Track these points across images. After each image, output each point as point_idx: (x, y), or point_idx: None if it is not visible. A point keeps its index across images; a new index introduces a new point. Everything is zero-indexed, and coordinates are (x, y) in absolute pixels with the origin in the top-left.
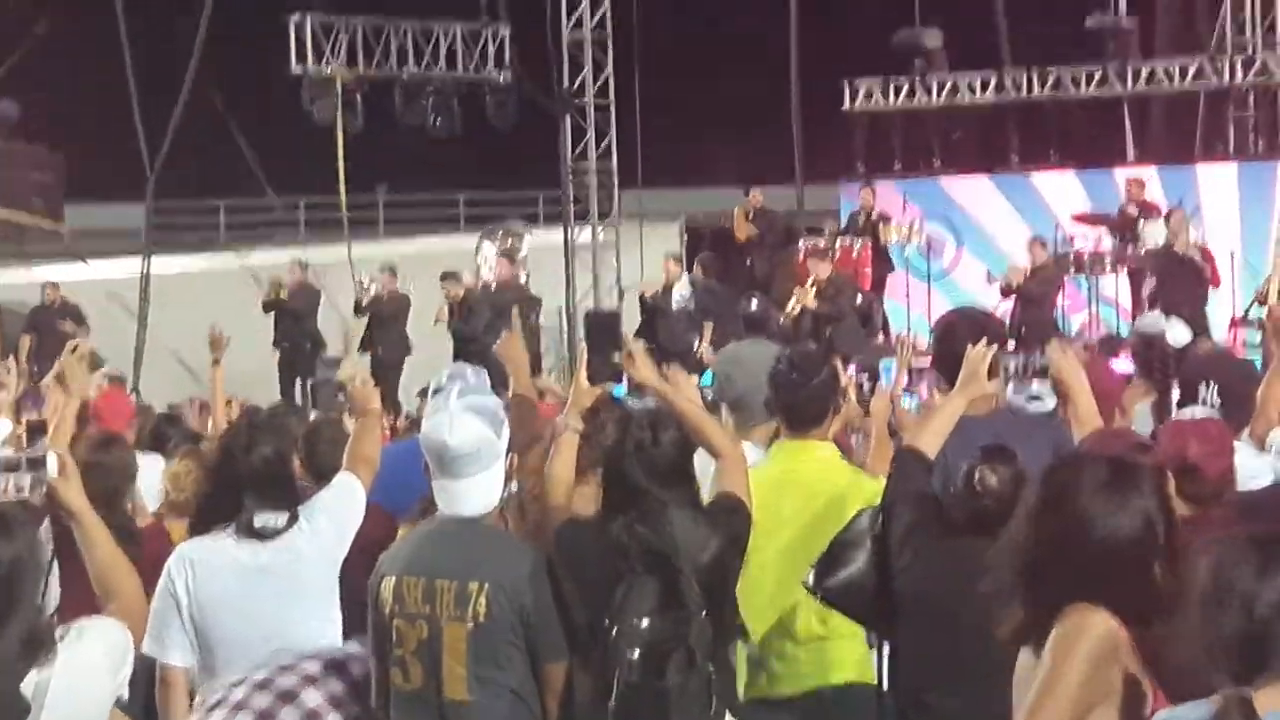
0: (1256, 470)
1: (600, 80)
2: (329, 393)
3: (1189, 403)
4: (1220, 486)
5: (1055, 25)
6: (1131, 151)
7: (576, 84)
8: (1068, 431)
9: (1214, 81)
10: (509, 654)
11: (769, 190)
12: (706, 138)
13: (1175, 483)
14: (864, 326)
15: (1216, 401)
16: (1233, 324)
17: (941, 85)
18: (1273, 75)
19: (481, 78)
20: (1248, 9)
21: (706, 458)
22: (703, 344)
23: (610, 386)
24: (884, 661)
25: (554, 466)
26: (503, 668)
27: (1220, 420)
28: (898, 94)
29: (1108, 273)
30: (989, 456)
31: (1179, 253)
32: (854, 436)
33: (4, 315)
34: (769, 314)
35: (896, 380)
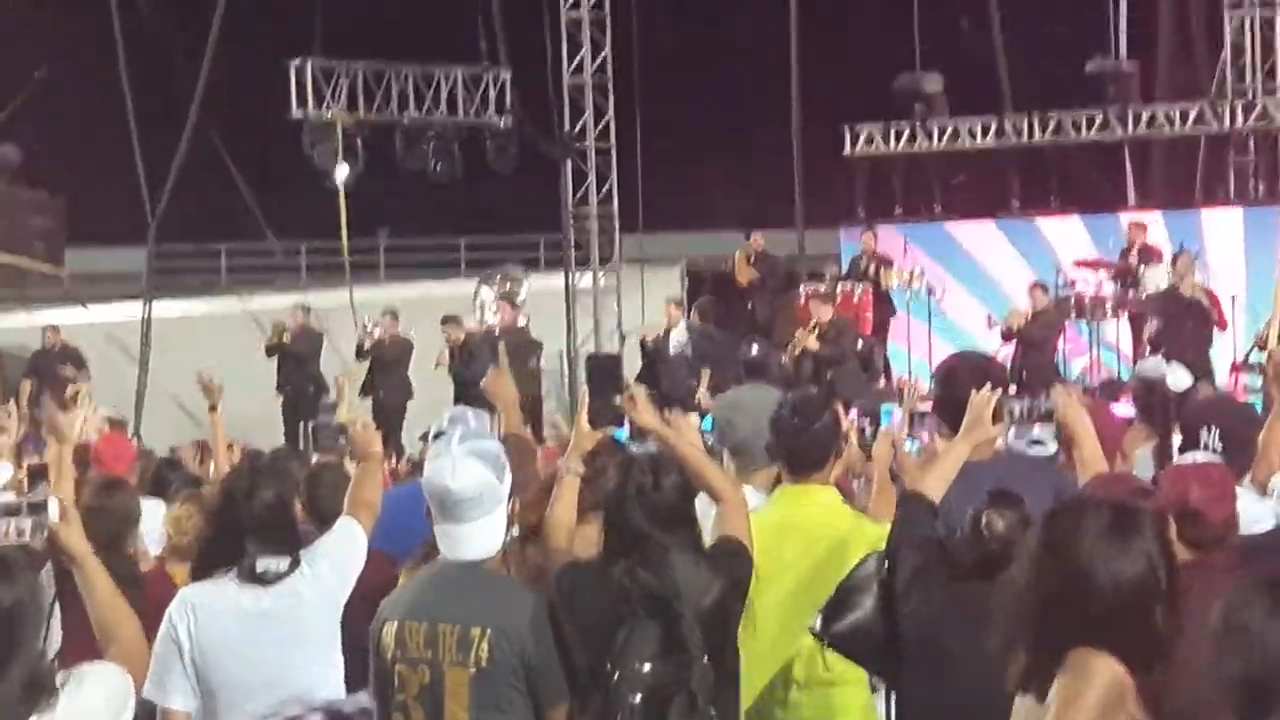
0: (1258, 515)
1: (601, 124)
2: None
3: (1191, 448)
4: (1223, 531)
5: (1056, 70)
6: (1132, 196)
7: (577, 128)
8: (1069, 476)
9: (1214, 126)
10: (511, 698)
11: (770, 234)
12: (707, 182)
13: (1177, 528)
14: (865, 371)
15: (1218, 446)
16: (1233, 368)
17: (942, 130)
18: (1273, 120)
19: (482, 122)
20: (1247, 54)
21: (707, 501)
22: (700, 390)
23: (611, 430)
24: (889, 707)
25: (555, 510)
26: (504, 712)
27: (1222, 465)
28: (898, 139)
29: (1109, 318)
30: (995, 501)
31: (1185, 295)
32: (855, 481)
33: (5, 359)
34: (770, 359)
35: (899, 425)
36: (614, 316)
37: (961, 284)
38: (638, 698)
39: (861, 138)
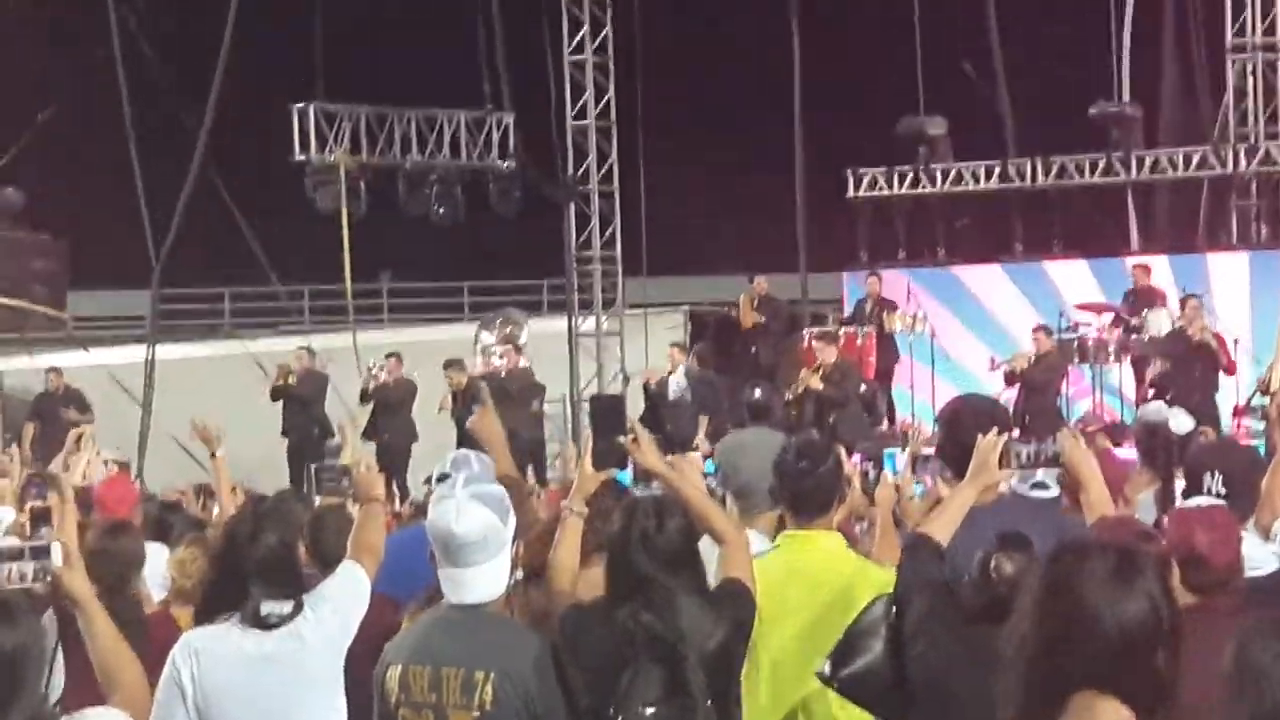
0: (1261, 560)
1: (604, 168)
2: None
3: (1194, 493)
4: (1227, 575)
5: (1059, 114)
6: (1135, 239)
7: (580, 172)
8: (1072, 518)
9: (1217, 170)
10: None
11: (773, 278)
12: (711, 225)
13: (1182, 572)
14: (868, 414)
15: (1221, 491)
16: (1236, 412)
17: (946, 173)
18: (1276, 164)
19: (485, 166)
20: (1250, 98)
21: (710, 542)
22: (699, 436)
23: (614, 472)
24: None
25: (558, 553)
26: None
27: (1227, 509)
28: (902, 182)
29: (1111, 362)
30: (1004, 544)
31: (1193, 339)
32: (857, 525)
33: (8, 402)
34: (773, 402)
35: (903, 469)
36: (617, 360)
37: (967, 327)
38: None
39: (865, 181)
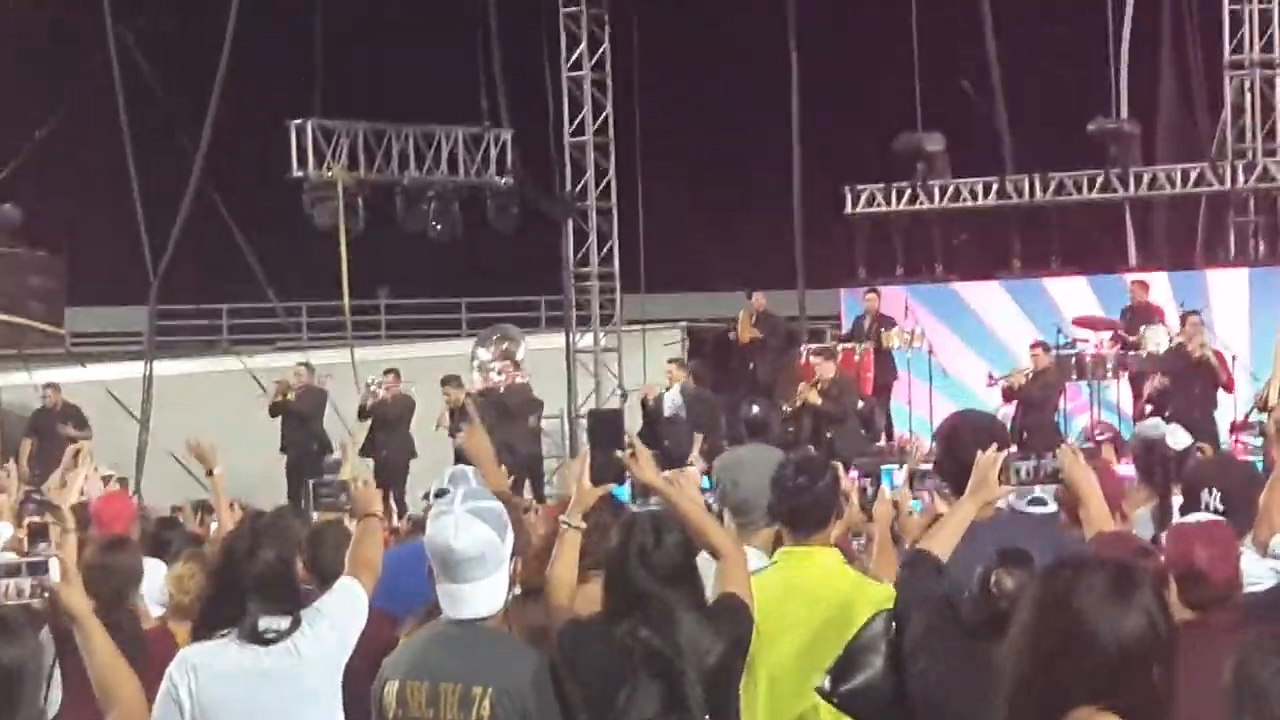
0: (1259, 575)
1: (602, 184)
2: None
3: (1192, 508)
4: (1226, 591)
5: (1057, 130)
6: (1133, 256)
7: (578, 188)
8: (1070, 534)
9: (1215, 186)
10: None
11: (770, 295)
12: (709, 242)
13: (1181, 588)
14: (865, 430)
15: (1219, 507)
16: (1233, 428)
17: (944, 190)
18: (1274, 180)
19: (483, 182)
20: (1247, 114)
21: (707, 557)
22: (694, 454)
23: (613, 486)
24: None
25: (556, 568)
26: None
27: (1226, 524)
28: (899, 198)
29: (1109, 378)
30: (1005, 560)
31: (1193, 356)
32: (855, 541)
33: (5, 418)
34: (771, 418)
35: (901, 485)
36: (614, 377)
37: (966, 343)
38: None
39: (863, 197)
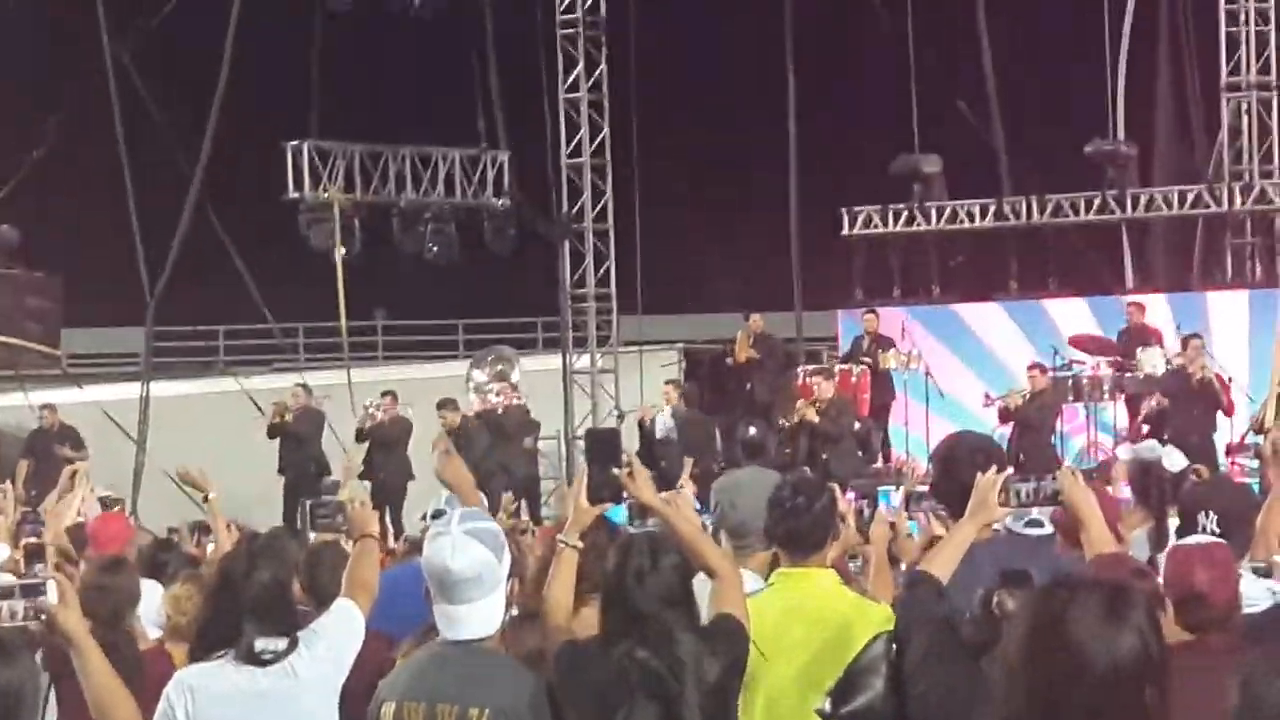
0: (1257, 597)
1: (599, 206)
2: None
3: (1189, 531)
4: (1226, 613)
5: (1054, 152)
6: (1130, 278)
7: (575, 210)
8: (1066, 556)
9: (1212, 208)
10: None
11: (767, 316)
12: (706, 263)
13: (1180, 609)
14: (862, 452)
15: (1216, 530)
16: (1229, 450)
17: (940, 211)
18: (1271, 202)
19: (480, 204)
20: (1244, 136)
21: (702, 578)
22: (683, 477)
23: (610, 506)
24: None
25: (553, 588)
26: None
27: (1226, 546)
28: (896, 220)
29: (1106, 400)
30: (1006, 581)
31: (1194, 378)
32: (851, 563)
33: (2, 439)
34: (767, 440)
35: (899, 506)
36: (611, 398)
37: (966, 364)
38: None
39: (860, 219)
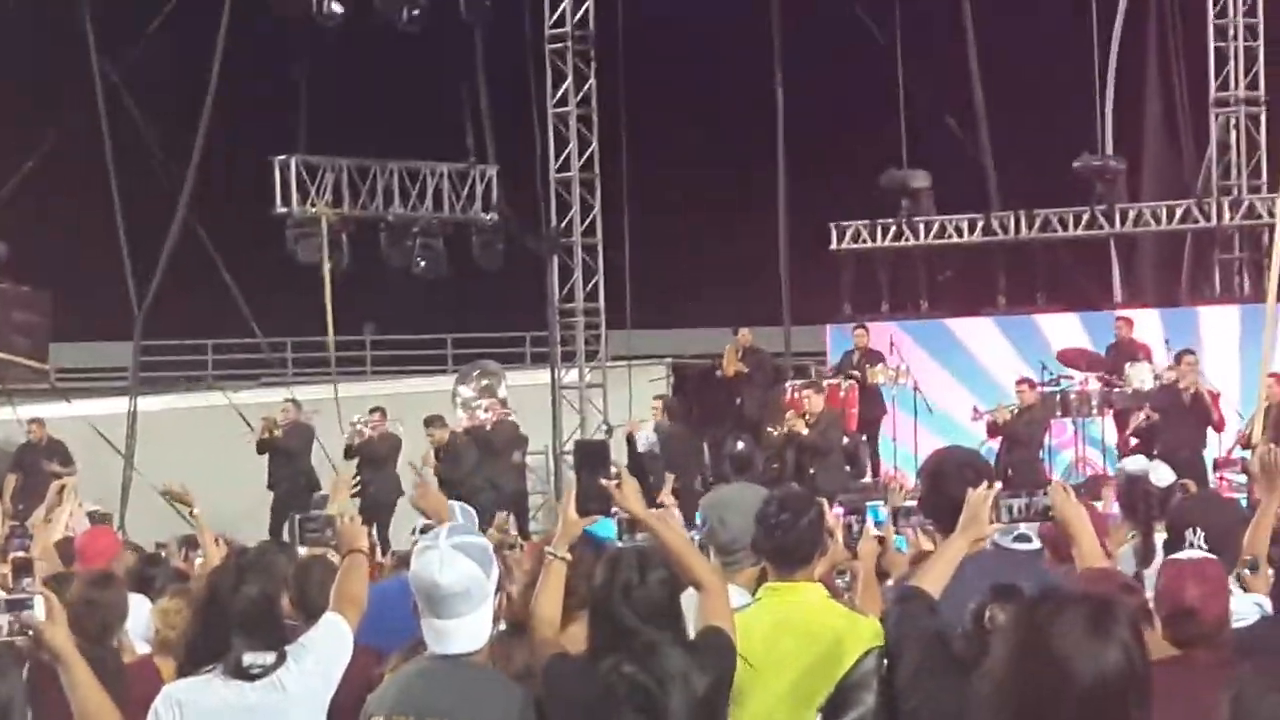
0: (1244, 612)
1: (588, 221)
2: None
3: (1177, 547)
4: (1216, 629)
5: (1042, 167)
6: (1119, 292)
7: (563, 224)
8: (1054, 571)
9: (1201, 223)
10: None
11: (756, 331)
12: (694, 278)
13: (1170, 624)
14: (850, 466)
15: (1203, 546)
16: (1216, 465)
17: (929, 226)
18: (1260, 217)
19: (468, 218)
20: (1233, 151)
21: (692, 591)
22: (664, 493)
23: (599, 518)
24: None
25: (540, 600)
26: None
27: (1217, 562)
28: (885, 235)
29: (1094, 414)
30: (998, 595)
31: (1186, 393)
32: (839, 578)
33: None
34: (755, 455)
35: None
36: (600, 412)
37: (956, 378)
38: None
39: (848, 234)
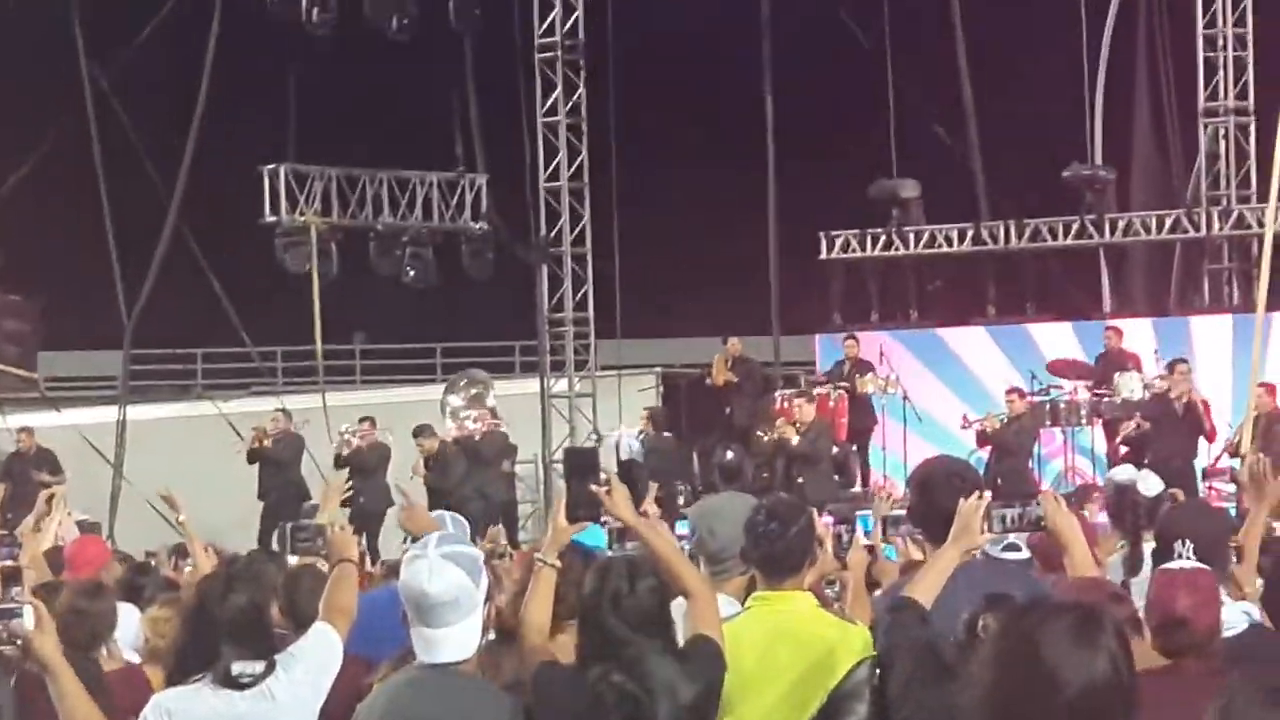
0: (1234, 621)
1: (577, 230)
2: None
3: (1165, 555)
4: (1207, 639)
5: (1032, 176)
6: (1108, 302)
7: (553, 234)
8: (1043, 580)
9: (1190, 233)
10: None
11: (745, 340)
12: (684, 288)
13: (1160, 634)
14: (839, 476)
15: (1192, 557)
16: (1204, 475)
17: (918, 236)
18: (1249, 227)
19: (458, 227)
20: (1222, 161)
21: (682, 600)
22: (647, 502)
23: (588, 525)
24: None
25: (530, 607)
26: None
27: (1210, 572)
28: (874, 244)
29: (1083, 424)
30: (991, 604)
31: (1179, 402)
32: (828, 588)
33: None
34: (744, 464)
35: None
36: (589, 422)
37: (949, 387)
38: None
39: (838, 243)
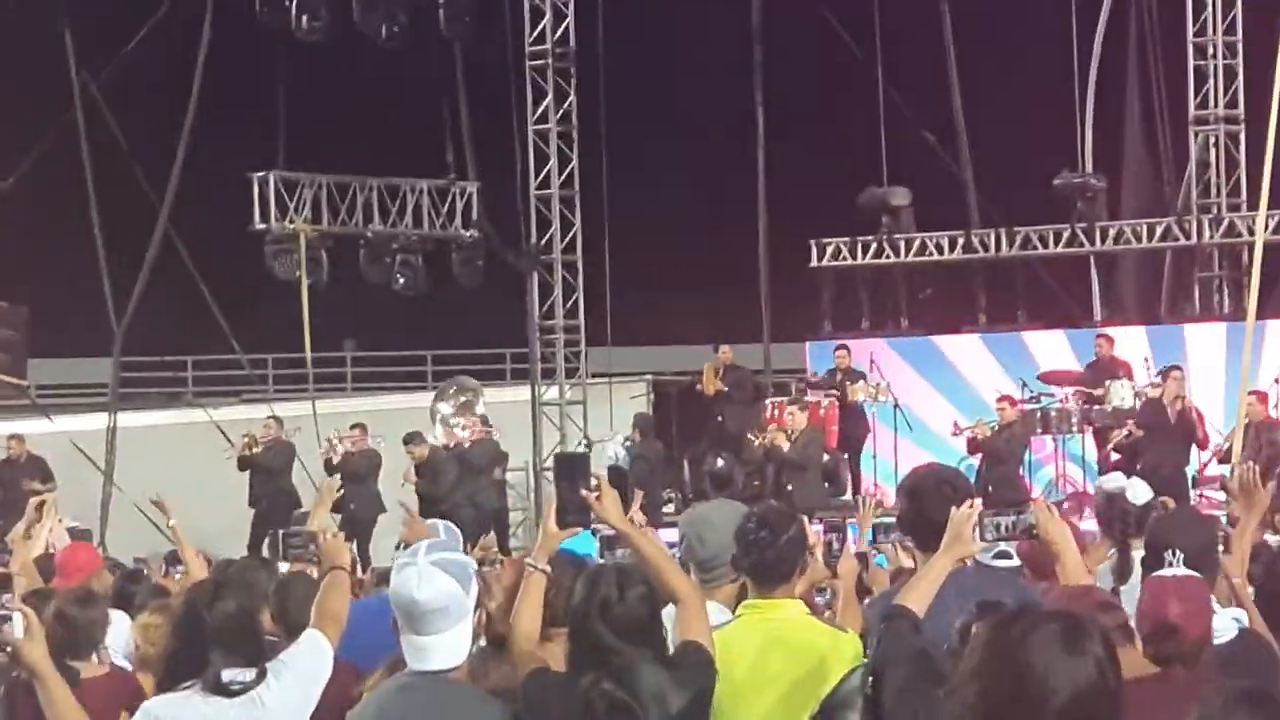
0: (1223, 629)
1: (568, 238)
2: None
3: (1155, 563)
4: (1197, 647)
5: (1023, 184)
6: (1099, 310)
7: (544, 241)
8: (1033, 588)
9: (1181, 241)
10: None
11: (736, 348)
12: (674, 295)
13: (1151, 642)
14: (829, 484)
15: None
16: (1195, 482)
17: (909, 244)
18: (1240, 235)
19: (448, 235)
20: (1213, 169)
21: (673, 607)
22: (633, 509)
23: (578, 531)
24: None
25: (520, 614)
26: None
27: (1201, 580)
28: (865, 252)
29: (1074, 431)
30: (984, 612)
31: (1173, 408)
32: (819, 596)
33: None
34: (734, 472)
35: (860, 538)
36: (580, 429)
37: (941, 393)
38: None
39: (829, 251)
